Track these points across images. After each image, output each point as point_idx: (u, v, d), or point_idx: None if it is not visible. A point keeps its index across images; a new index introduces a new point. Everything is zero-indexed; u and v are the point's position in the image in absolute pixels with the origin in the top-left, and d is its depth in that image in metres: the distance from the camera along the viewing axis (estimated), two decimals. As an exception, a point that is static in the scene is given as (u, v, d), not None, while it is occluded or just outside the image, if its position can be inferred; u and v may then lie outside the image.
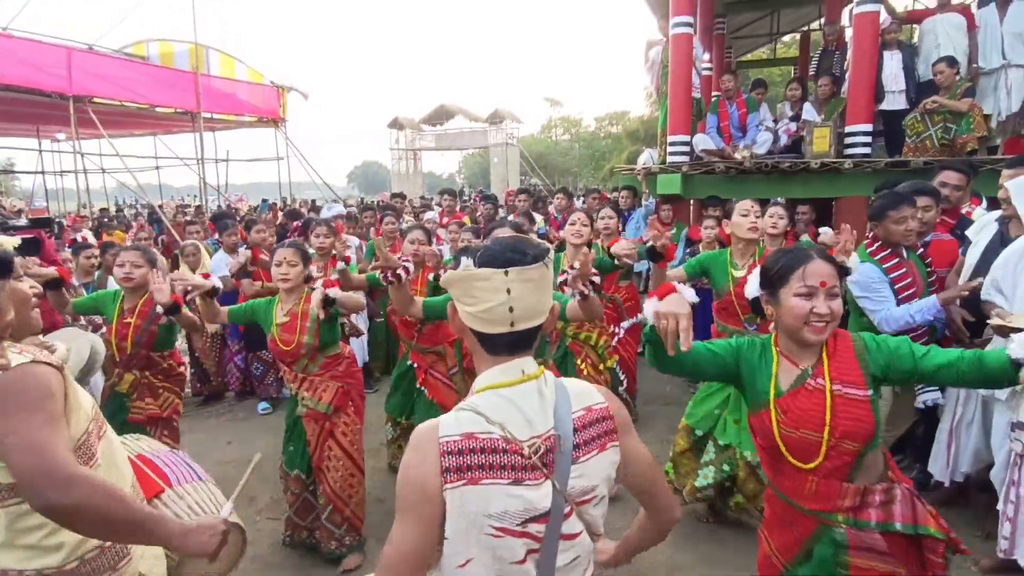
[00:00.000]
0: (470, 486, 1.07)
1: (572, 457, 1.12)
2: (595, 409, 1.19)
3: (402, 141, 33.21)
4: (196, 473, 1.89)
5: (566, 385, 1.21)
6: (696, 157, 6.21)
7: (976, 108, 5.04)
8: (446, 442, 1.08)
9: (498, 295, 1.10)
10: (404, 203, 9.22)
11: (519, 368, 1.15)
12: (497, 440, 1.08)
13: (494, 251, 1.13)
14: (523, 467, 1.08)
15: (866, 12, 5.40)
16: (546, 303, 1.17)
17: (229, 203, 16.04)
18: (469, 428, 1.09)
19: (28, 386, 1.32)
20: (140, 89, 12.14)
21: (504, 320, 1.11)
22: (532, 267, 1.11)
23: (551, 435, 1.12)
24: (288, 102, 15.98)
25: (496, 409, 1.11)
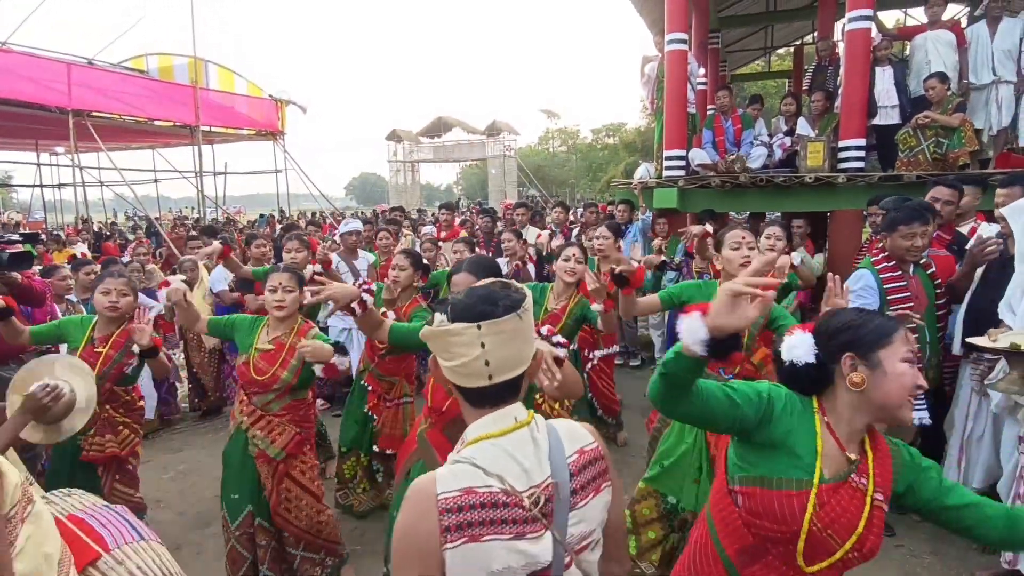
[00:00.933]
0: (472, 543, 1.02)
1: (571, 503, 1.09)
2: (587, 451, 1.16)
3: (400, 153, 33.35)
4: (137, 532, 1.67)
5: (556, 427, 1.16)
6: (692, 171, 6.26)
7: (967, 123, 5.11)
8: (445, 499, 1.04)
9: (473, 350, 1.07)
10: (402, 216, 9.27)
11: (511, 416, 1.12)
12: (497, 494, 1.04)
13: (466, 304, 1.10)
14: (524, 520, 1.04)
15: (858, 29, 5.48)
16: (525, 352, 1.13)
17: (228, 215, 16.06)
18: (467, 483, 1.05)
19: None
20: (139, 103, 12.21)
21: (481, 374, 1.09)
22: (505, 319, 1.07)
23: (549, 484, 1.08)
24: (287, 115, 16.06)
25: (493, 460, 1.07)
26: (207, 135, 14.16)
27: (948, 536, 3.21)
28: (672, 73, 6.12)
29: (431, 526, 1.03)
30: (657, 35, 6.92)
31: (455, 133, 33.98)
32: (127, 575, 1.53)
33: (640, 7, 8.79)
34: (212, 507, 3.84)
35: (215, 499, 3.91)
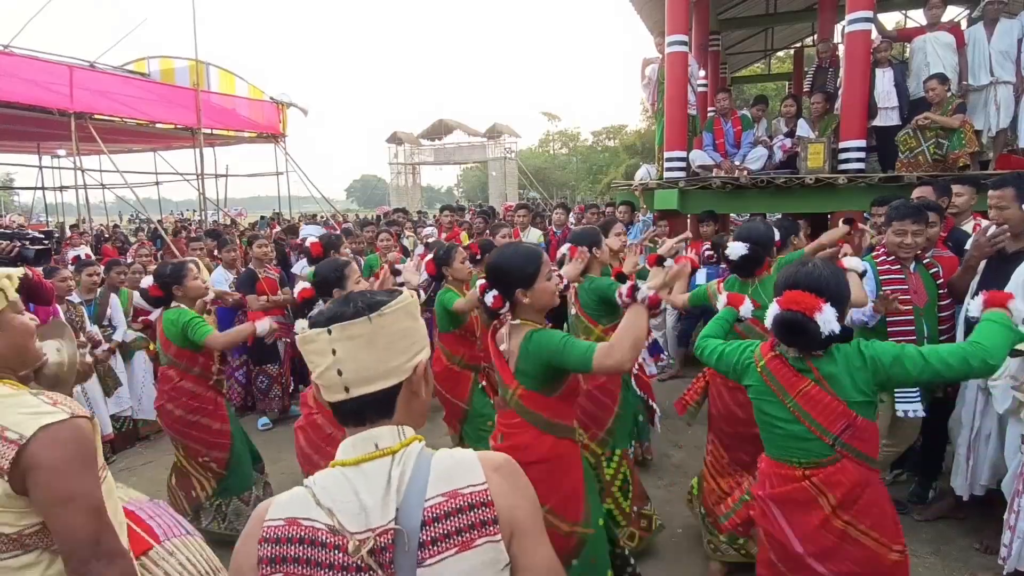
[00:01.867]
0: None
1: (418, 557, 0.90)
2: (463, 494, 0.94)
3: (401, 155, 33.42)
4: (183, 526, 1.70)
5: (436, 461, 0.98)
6: (693, 173, 6.28)
7: (967, 124, 5.12)
8: (268, 527, 0.93)
9: (324, 358, 0.96)
10: (404, 218, 9.28)
11: (372, 442, 0.96)
12: (320, 530, 0.91)
13: (331, 309, 0.99)
14: (345, 567, 0.89)
15: (858, 31, 5.50)
16: (391, 363, 0.97)
17: (230, 217, 16.09)
18: (295, 512, 0.93)
19: (79, 450, 1.26)
20: (141, 105, 12.23)
21: (337, 385, 0.96)
22: (355, 322, 0.94)
23: (388, 529, 0.90)
24: (288, 118, 16.08)
25: (329, 490, 0.94)
26: (208, 138, 14.17)
27: (950, 537, 3.22)
28: (673, 75, 6.13)
29: (252, 552, 0.93)
30: (658, 37, 6.93)
31: (456, 135, 34.06)
32: (177, 566, 1.56)
33: (640, 9, 8.82)
34: (213, 508, 3.85)
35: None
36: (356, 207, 64.18)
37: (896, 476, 3.76)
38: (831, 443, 1.79)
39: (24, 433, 1.20)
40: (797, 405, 1.82)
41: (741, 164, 6.13)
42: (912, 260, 3.13)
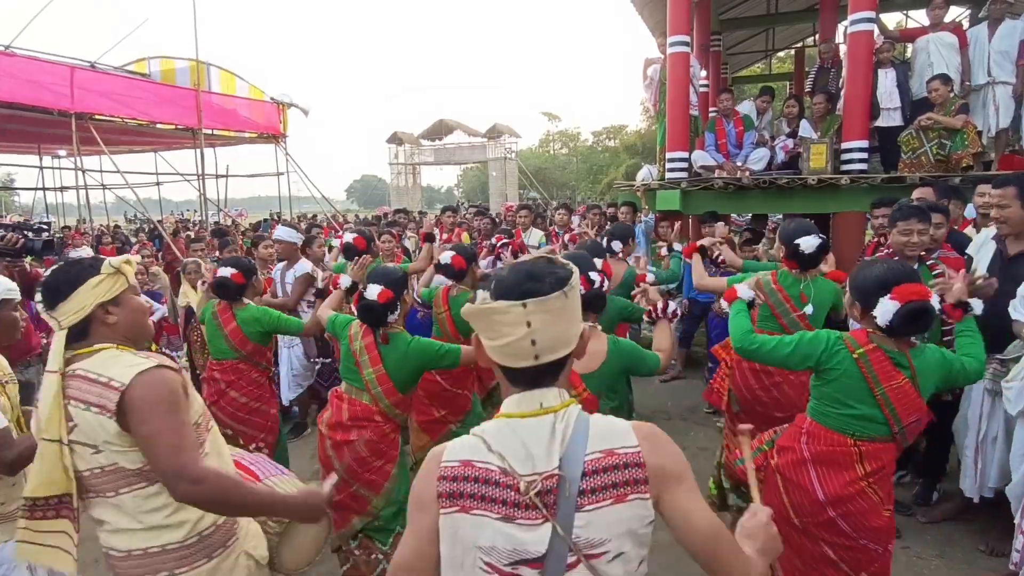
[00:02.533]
0: (462, 514, 1.04)
1: (577, 503, 1.01)
2: (618, 453, 1.05)
3: (401, 156, 33.40)
4: (279, 468, 1.99)
5: (592, 423, 1.09)
6: (695, 173, 6.27)
7: (970, 124, 5.10)
8: (446, 466, 1.08)
9: (518, 329, 1.03)
10: (407, 218, 9.27)
11: (537, 400, 1.08)
12: (494, 471, 1.04)
13: (511, 281, 1.06)
14: (516, 504, 1.02)
15: (860, 31, 5.48)
16: (572, 331, 1.09)
17: (231, 217, 16.08)
18: (469, 455, 1.07)
19: (165, 392, 1.51)
20: (141, 106, 12.22)
21: (528, 354, 1.05)
22: (551, 296, 1.03)
23: (554, 475, 1.02)
24: (288, 118, 16.07)
25: (500, 438, 1.06)
26: (209, 138, 14.17)
27: (955, 539, 3.21)
28: (674, 76, 6.12)
29: (431, 488, 1.07)
30: (659, 37, 6.91)
31: (456, 136, 34.04)
32: None
33: (641, 9, 8.81)
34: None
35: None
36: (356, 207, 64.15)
37: (900, 478, 3.75)
38: (897, 430, 2.01)
39: (124, 381, 1.48)
40: (886, 395, 1.97)
41: (743, 165, 6.13)
42: (916, 260, 3.13)
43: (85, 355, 1.55)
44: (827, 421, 2.09)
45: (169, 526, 1.54)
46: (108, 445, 1.50)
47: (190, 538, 1.56)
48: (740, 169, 6.06)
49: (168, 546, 1.54)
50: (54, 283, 1.53)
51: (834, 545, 2.04)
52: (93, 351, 1.55)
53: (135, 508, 1.53)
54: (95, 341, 1.56)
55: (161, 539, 1.54)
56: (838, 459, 2.04)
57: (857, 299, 2.06)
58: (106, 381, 1.49)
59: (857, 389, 2.00)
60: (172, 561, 1.54)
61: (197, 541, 1.57)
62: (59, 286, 1.53)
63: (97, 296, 1.55)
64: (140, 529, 1.53)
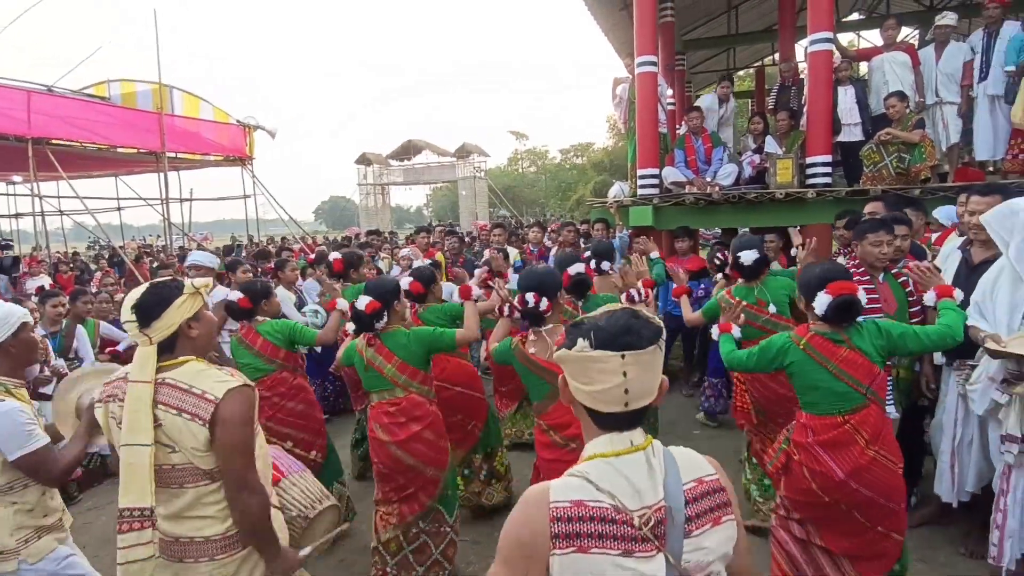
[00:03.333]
0: (580, 554, 1.06)
1: (685, 530, 1.09)
2: (707, 481, 1.16)
3: (370, 176, 33.25)
4: (299, 465, 2.34)
5: (675, 455, 1.18)
6: (665, 189, 6.37)
7: (927, 139, 5.32)
8: (556, 507, 1.09)
9: (615, 377, 1.10)
10: (379, 240, 9.19)
11: (627, 439, 1.14)
12: (607, 509, 1.08)
13: (610, 332, 1.12)
14: (633, 538, 1.06)
15: (820, 50, 5.67)
16: (657, 381, 1.16)
17: (195, 241, 15.72)
18: (578, 496, 1.09)
19: (248, 408, 1.74)
20: (101, 130, 11.93)
21: (619, 400, 1.12)
22: (647, 350, 1.11)
23: (661, 506, 1.09)
24: (255, 140, 15.88)
25: (605, 478, 1.10)
26: (172, 162, 13.90)
27: (935, 543, 3.27)
28: (643, 94, 6.24)
29: (541, 529, 1.08)
30: (626, 58, 7.06)
31: (425, 156, 34.07)
32: (299, 493, 2.15)
33: (608, 31, 9.01)
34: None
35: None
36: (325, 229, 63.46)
37: None
38: (864, 393, 2.36)
39: (218, 395, 1.68)
40: (838, 368, 2.36)
41: (713, 180, 6.26)
42: (881, 270, 3.26)
43: (172, 366, 1.74)
44: (815, 408, 2.43)
45: (217, 518, 1.75)
46: (193, 449, 1.69)
47: (231, 530, 1.77)
48: (710, 184, 6.19)
49: (213, 536, 1.74)
50: (147, 304, 1.71)
51: (859, 507, 2.36)
52: (180, 363, 1.75)
53: (193, 501, 1.73)
54: (179, 354, 1.76)
55: (208, 530, 1.74)
56: (840, 439, 2.36)
57: (802, 294, 2.48)
58: (200, 393, 1.69)
59: (816, 371, 2.39)
60: (214, 549, 1.75)
61: (236, 533, 1.78)
62: (152, 307, 1.71)
63: (183, 314, 1.75)
64: (192, 518, 1.73)
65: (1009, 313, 2.53)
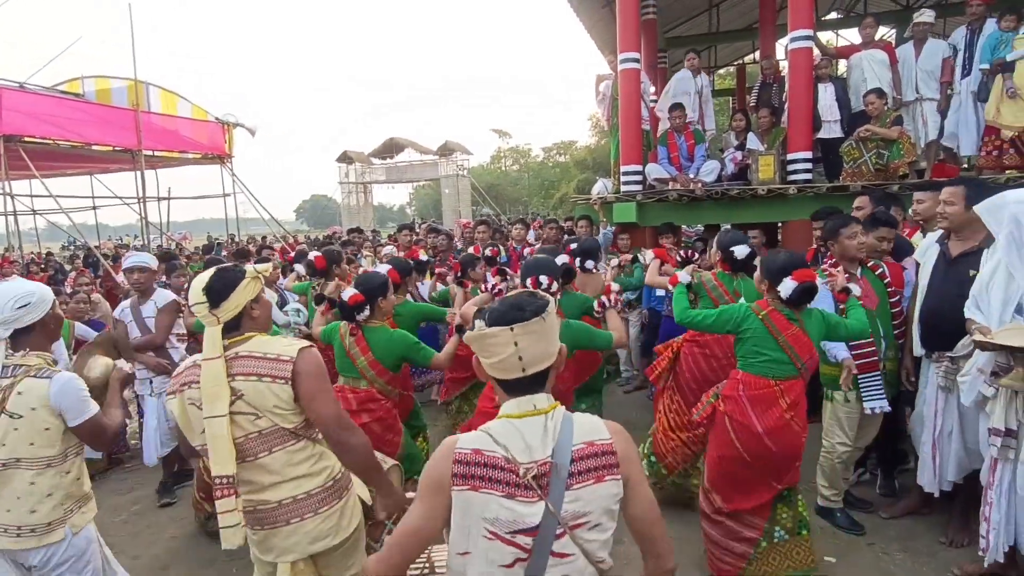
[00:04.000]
0: (472, 492, 1.27)
1: (567, 484, 1.27)
2: (597, 444, 1.32)
3: (352, 174, 32.99)
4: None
5: (576, 420, 1.36)
6: (649, 186, 6.39)
7: (905, 135, 5.40)
8: (459, 453, 1.31)
9: (508, 348, 1.31)
10: (361, 238, 9.11)
11: (531, 403, 1.34)
12: (499, 459, 1.28)
13: (500, 311, 1.34)
14: (517, 485, 1.26)
15: (800, 48, 5.73)
16: (551, 348, 1.35)
17: (174, 240, 15.46)
18: (478, 445, 1.31)
19: (320, 362, 1.91)
20: (75, 127, 11.66)
21: (516, 367, 1.32)
22: (532, 322, 1.31)
23: (547, 462, 1.27)
24: (234, 138, 15.64)
25: (503, 434, 1.31)
26: (150, 160, 13.63)
27: (917, 532, 3.31)
28: (626, 91, 6.26)
29: (446, 471, 1.30)
30: (609, 55, 7.07)
31: (407, 154, 33.89)
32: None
33: (590, 28, 9.02)
34: (169, 548, 3.63)
35: (172, 540, 3.73)
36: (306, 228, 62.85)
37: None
38: (799, 367, 2.72)
39: (292, 355, 1.86)
40: (786, 342, 2.70)
41: (695, 177, 6.29)
42: (859, 265, 3.32)
43: (240, 342, 1.89)
44: (753, 369, 2.76)
45: (312, 474, 1.91)
46: (276, 409, 1.84)
47: (328, 482, 1.93)
48: (692, 181, 6.22)
49: (313, 491, 1.90)
50: (216, 287, 1.87)
51: (768, 467, 2.73)
52: (246, 338, 1.91)
53: (283, 463, 1.87)
54: (244, 331, 1.92)
55: (307, 485, 1.89)
56: (766, 397, 2.70)
57: (766, 278, 2.77)
58: (275, 357, 1.85)
59: (766, 340, 2.72)
60: (316, 503, 1.90)
61: (332, 484, 1.94)
62: (221, 290, 1.87)
63: (247, 295, 1.92)
64: (285, 481, 1.88)
65: (1002, 307, 2.56)
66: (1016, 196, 2.54)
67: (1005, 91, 5.23)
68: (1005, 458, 2.53)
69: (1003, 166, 5.26)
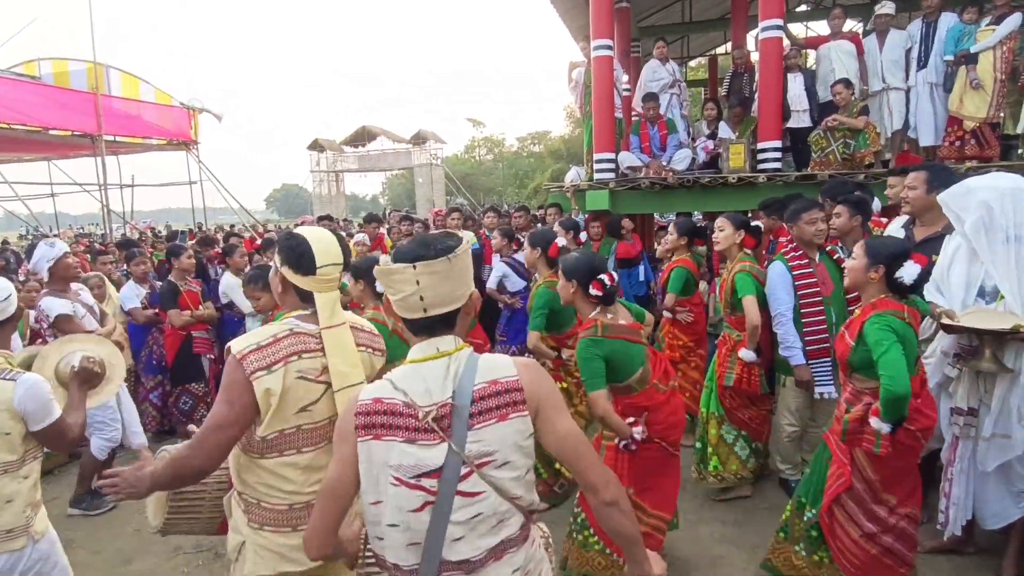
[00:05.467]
0: (374, 441, 1.27)
1: (468, 424, 1.26)
2: (501, 382, 1.30)
3: (323, 163, 32.47)
4: None
5: (480, 361, 1.33)
6: (622, 174, 6.40)
7: (871, 125, 5.49)
8: (361, 404, 1.30)
9: (409, 286, 1.28)
10: (330, 226, 8.96)
11: (435, 346, 1.32)
12: (398, 405, 1.27)
13: (405, 248, 1.31)
14: (417, 428, 1.25)
15: (770, 38, 5.78)
16: (459, 291, 1.31)
17: (137, 230, 15.03)
18: (379, 394, 1.30)
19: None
20: (31, 111, 11.21)
21: (417, 307, 1.30)
22: (436, 260, 1.26)
23: (447, 403, 1.26)
24: (200, 124, 15.23)
25: (403, 379, 1.30)
26: (111, 145, 13.19)
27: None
28: (599, 78, 6.24)
29: (350, 424, 1.30)
30: (582, 41, 7.03)
31: (380, 142, 33.47)
32: None
33: (564, 14, 8.96)
34: (131, 543, 3.53)
35: (134, 534, 3.62)
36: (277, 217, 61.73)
37: None
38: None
39: (375, 330, 1.89)
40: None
41: (667, 165, 6.31)
42: (817, 250, 3.38)
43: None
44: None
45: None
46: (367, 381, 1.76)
47: None
48: (664, 169, 6.24)
49: None
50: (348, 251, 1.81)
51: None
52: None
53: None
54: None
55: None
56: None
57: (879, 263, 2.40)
58: (370, 330, 1.87)
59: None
60: None
61: None
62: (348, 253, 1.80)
63: None
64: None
65: (964, 289, 2.60)
66: (986, 182, 2.58)
67: (969, 82, 5.35)
68: (967, 436, 2.59)
69: (964, 156, 5.40)
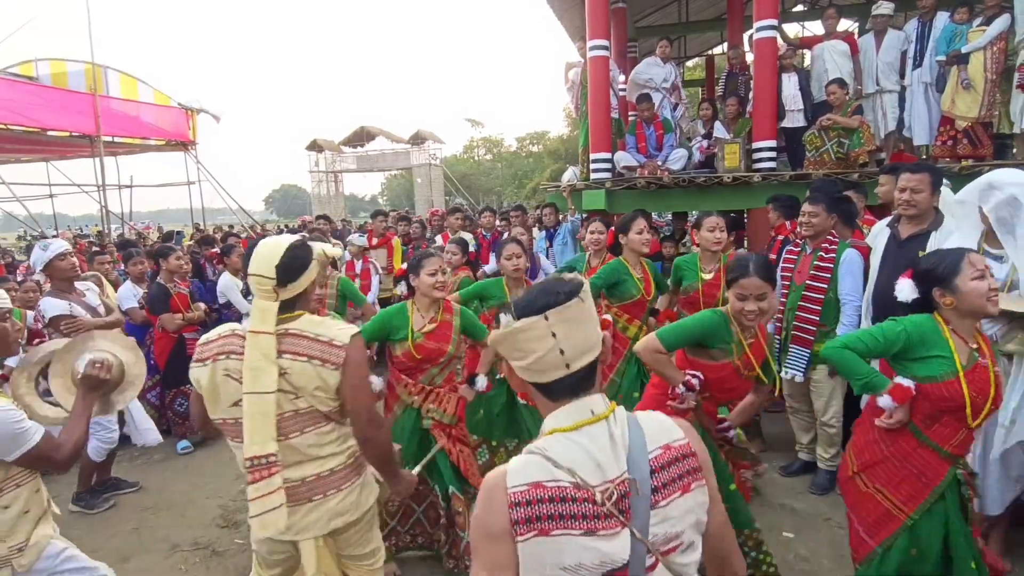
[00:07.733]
0: (541, 537, 1.01)
1: (651, 502, 1.04)
2: (674, 447, 1.10)
3: (322, 163, 32.49)
4: None
5: (640, 421, 1.12)
6: (617, 174, 6.42)
7: (865, 124, 5.52)
8: (514, 492, 1.03)
9: (544, 342, 1.06)
10: (328, 226, 8.99)
11: (587, 408, 1.09)
12: (567, 488, 1.02)
13: (528, 299, 1.10)
14: (596, 515, 1.01)
15: (765, 38, 5.80)
16: (594, 335, 1.10)
17: (136, 231, 15.05)
18: (537, 476, 1.04)
19: (366, 352, 1.93)
20: (29, 111, 11.22)
21: (558, 365, 1.07)
22: (569, 305, 1.07)
23: (625, 479, 1.03)
24: (198, 124, 15.24)
25: (564, 453, 1.05)
26: (109, 146, 13.20)
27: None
28: (595, 78, 6.26)
29: (501, 518, 1.03)
30: (579, 41, 7.06)
31: (379, 142, 33.51)
32: None
33: (561, 14, 8.99)
34: (128, 541, 3.55)
35: (132, 532, 3.64)
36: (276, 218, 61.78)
37: None
38: None
39: (345, 341, 1.81)
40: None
41: (663, 165, 6.34)
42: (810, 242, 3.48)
43: (290, 319, 1.83)
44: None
45: (336, 453, 1.89)
46: (316, 392, 1.79)
47: (349, 460, 1.92)
48: (660, 169, 6.27)
49: (337, 468, 1.89)
50: (290, 267, 1.79)
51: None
52: (296, 315, 1.84)
53: (311, 444, 1.83)
54: (297, 309, 1.86)
55: (329, 464, 1.87)
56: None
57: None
58: (328, 340, 1.80)
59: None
60: (339, 480, 1.90)
61: (353, 462, 1.94)
62: (294, 271, 1.80)
63: (311, 277, 1.87)
64: (309, 460, 1.85)
65: None
66: (1010, 177, 2.54)
67: (960, 82, 5.39)
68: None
69: (957, 155, 5.43)
